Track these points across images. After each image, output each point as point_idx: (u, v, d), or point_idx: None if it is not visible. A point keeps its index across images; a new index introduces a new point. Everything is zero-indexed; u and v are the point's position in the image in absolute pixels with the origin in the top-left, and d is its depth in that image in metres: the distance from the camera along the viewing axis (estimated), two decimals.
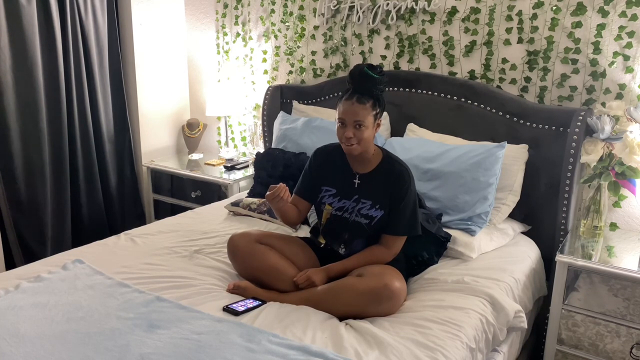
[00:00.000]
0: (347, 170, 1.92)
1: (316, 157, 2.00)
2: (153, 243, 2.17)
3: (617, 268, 1.96)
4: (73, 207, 3.12)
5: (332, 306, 1.70)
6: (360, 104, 1.77)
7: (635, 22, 2.19)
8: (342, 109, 1.79)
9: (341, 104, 1.80)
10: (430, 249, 2.04)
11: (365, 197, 1.88)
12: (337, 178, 1.93)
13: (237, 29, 3.38)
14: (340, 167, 1.93)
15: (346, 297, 1.70)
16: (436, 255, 2.07)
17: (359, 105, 1.77)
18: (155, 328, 1.51)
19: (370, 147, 1.86)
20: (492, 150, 2.24)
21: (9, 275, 1.88)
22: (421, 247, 2.02)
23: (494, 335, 1.75)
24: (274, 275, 1.84)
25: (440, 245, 2.08)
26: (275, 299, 1.77)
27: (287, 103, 3.08)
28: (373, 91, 1.79)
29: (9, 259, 2.82)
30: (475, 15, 2.54)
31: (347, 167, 1.92)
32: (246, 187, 3.08)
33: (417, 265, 2.03)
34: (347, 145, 1.81)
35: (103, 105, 3.22)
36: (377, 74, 1.78)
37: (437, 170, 2.29)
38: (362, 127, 1.77)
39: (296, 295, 1.78)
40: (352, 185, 1.90)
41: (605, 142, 2.16)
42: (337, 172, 1.94)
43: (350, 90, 1.81)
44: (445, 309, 1.70)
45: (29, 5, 2.75)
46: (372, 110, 1.79)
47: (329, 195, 1.93)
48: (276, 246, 1.92)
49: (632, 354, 1.96)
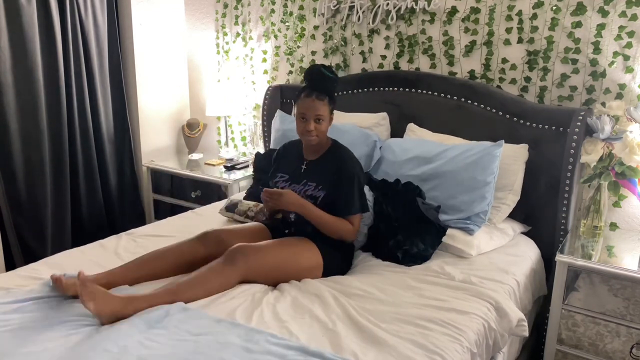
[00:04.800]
0: (300, 158, 2.13)
1: (278, 151, 2.26)
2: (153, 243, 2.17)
3: (617, 268, 1.96)
4: (73, 207, 3.12)
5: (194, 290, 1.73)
6: (320, 101, 1.97)
7: (635, 22, 2.19)
8: (302, 105, 1.98)
9: (301, 101, 1.99)
10: (426, 239, 2.09)
11: (311, 180, 2.06)
12: (290, 165, 2.15)
13: (237, 29, 3.38)
14: (295, 156, 2.15)
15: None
16: (431, 247, 2.09)
17: (319, 102, 1.97)
18: (153, 329, 1.51)
19: (324, 138, 2.07)
20: (489, 149, 2.24)
21: (9, 275, 1.88)
22: (416, 234, 2.08)
23: (495, 341, 1.73)
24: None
25: (437, 236, 2.11)
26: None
27: (287, 103, 3.08)
28: (329, 89, 2.00)
29: (9, 259, 2.82)
30: (475, 15, 2.53)
31: (300, 155, 2.13)
32: (246, 187, 3.06)
33: (405, 258, 2.04)
34: (308, 137, 2.00)
35: (103, 105, 3.22)
36: (332, 74, 1.99)
37: (435, 170, 2.29)
38: (321, 121, 1.98)
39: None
40: (300, 170, 2.10)
41: (605, 142, 2.16)
42: (292, 160, 2.16)
43: (307, 88, 2.00)
44: (448, 310, 1.69)
45: (29, 5, 2.75)
46: (329, 106, 2.01)
47: (282, 180, 2.13)
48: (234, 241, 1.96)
49: (632, 353, 1.96)
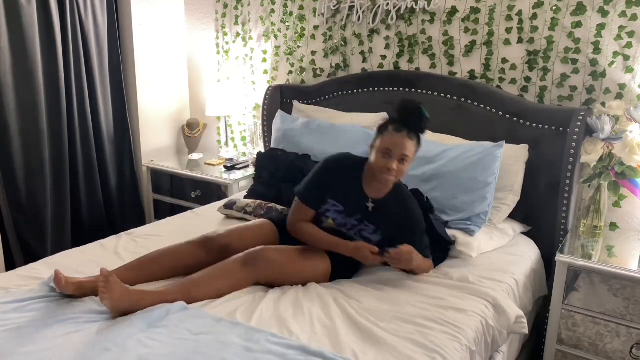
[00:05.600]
0: (359, 190, 1.90)
1: (330, 169, 1.93)
2: (153, 243, 2.17)
3: (617, 268, 1.96)
4: (73, 207, 3.12)
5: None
6: (410, 140, 1.78)
7: (635, 22, 2.19)
8: (390, 140, 1.77)
9: (389, 135, 1.78)
10: (435, 254, 2.01)
11: (373, 222, 1.89)
12: (348, 196, 1.90)
13: (237, 29, 3.38)
14: (354, 185, 1.91)
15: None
16: (440, 260, 2.05)
17: (410, 141, 1.77)
18: (154, 328, 1.51)
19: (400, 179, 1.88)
20: (490, 150, 2.24)
21: (9, 275, 1.87)
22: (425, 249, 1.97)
23: (494, 339, 1.74)
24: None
25: (443, 251, 2.07)
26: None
27: (287, 103, 3.08)
28: (422, 130, 1.81)
29: (9, 259, 2.82)
30: (475, 15, 2.53)
31: (359, 186, 1.90)
32: (246, 187, 3.06)
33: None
34: (387, 176, 1.80)
35: (103, 105, 3.22)
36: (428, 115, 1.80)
37: (435, 171, 2.28)
38: (404, 162, 1.79)
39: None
40: (363, 208, 1.89)
41: (605, 142, 2.16)
42: (349, 189, 1.90)
43: (398, 123, 1.79)
44: (446, 309, 1.70)
45: (29, 5, 2.75)
46: (416, 147, 1.82)
47: (335, 210, 1.91)
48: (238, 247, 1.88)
49: (632, 353, 1.96)
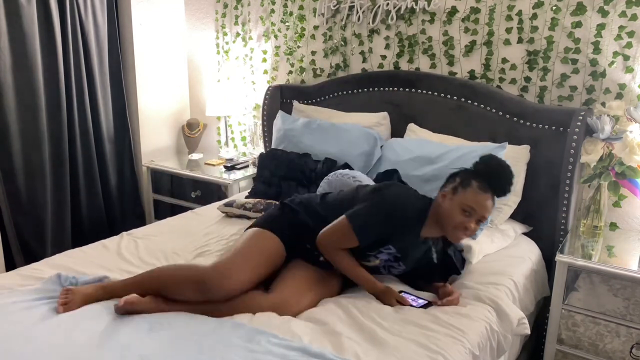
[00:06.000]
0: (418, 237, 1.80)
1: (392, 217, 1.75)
2: (154, 243, 2.17)
3: (617, 268, 1.97)
4: (73, 207, 3.12)
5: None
6: (493, 202, 1.72)
7: (635, 22, 2.19)
8: (475, 199, 1.68)
9: (473, 192, 1.69)
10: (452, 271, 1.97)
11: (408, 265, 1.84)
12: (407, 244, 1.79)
13: (237, 29, 3.38)
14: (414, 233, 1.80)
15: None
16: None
17: (492, 204, 1.71)
18: (156, 329, 1.51)
19: None
20: (493, 151, 2.21)
21: (12, 275, 1.87)
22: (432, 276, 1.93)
23: (499, 343, 1.73)
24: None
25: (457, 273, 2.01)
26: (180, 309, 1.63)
27: (287, 103, 3.08)
28: (506, 194, 1.74)
29: (9, 259, 2.81)
30: (475, 15, 2.53)
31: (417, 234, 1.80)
32: (246, 187, 3.07)
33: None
34: (461, 235, 1.73)
35: (103, 105, 3.22)
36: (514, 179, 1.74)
37: (438, 171, 2.27)
38: (481, 223, 1.73)
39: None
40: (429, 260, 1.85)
41: (605, 142, 2.16)
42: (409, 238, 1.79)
43: (484, 182, 1.71)
44: (450, 313, 1.69)
45: (29, 5, 2.74)
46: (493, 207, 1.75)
47: (387, 252, 1.79)
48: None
49: (632, 353, 1.96)
